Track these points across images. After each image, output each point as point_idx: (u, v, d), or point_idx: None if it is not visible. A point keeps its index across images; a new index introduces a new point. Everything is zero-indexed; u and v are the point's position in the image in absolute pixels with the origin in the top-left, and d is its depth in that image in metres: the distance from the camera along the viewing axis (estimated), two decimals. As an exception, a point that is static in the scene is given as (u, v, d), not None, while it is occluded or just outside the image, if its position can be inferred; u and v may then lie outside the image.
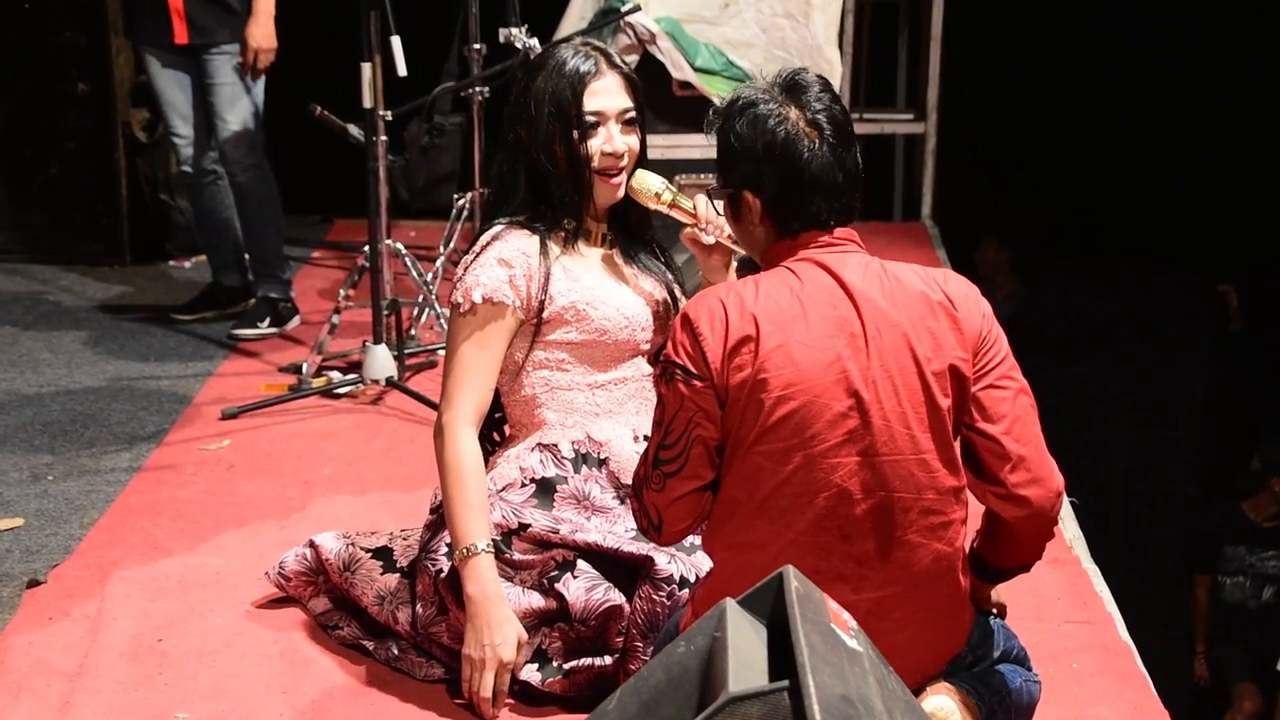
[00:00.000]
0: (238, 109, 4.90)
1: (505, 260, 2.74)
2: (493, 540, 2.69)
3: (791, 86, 2.36)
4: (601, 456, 2.78)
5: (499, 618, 2.63)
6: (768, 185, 2.35)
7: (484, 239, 2.78)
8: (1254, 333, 7.98)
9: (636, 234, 2.90)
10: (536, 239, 2.76)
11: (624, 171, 2.79)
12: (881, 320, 2.28)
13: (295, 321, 5.17)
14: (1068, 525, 3.61)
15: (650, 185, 2.78)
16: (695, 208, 2.75)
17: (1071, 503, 3.75)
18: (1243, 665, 6.26)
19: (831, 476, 2.27)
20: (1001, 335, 2.37)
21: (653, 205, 2.79)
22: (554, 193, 2.76)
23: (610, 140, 2.75)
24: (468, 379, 2.74)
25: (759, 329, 2.27)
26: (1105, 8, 7.75)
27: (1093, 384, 8.16)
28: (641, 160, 2.82)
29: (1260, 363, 7.89)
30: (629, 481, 2.74)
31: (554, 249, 2.77)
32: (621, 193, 2.80)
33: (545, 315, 2.75)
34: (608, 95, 2.74)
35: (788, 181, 2.33)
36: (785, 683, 1.67)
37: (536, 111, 2.74)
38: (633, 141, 2.78)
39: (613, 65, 2.77)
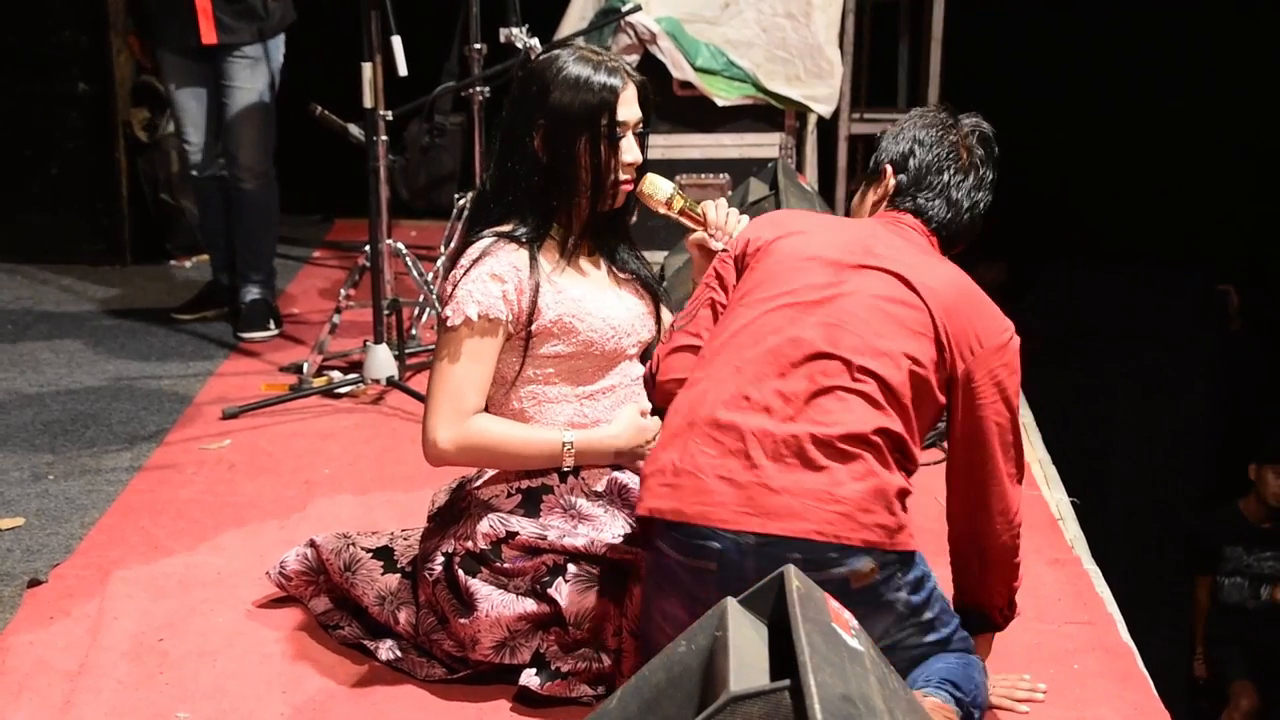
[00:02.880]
0: (253, 114, 4.91)
1: (498, 275, 2.71)
2: (491, 545, 2.70)
3: (965, 117, 2.69)
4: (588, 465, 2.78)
5: (616, 432, 2.76)
6: (909, 166, 2.62)
7: (473, 253, 2.75)
8: (1254, 333, 7.98)
9: (623, 237, 2.89)
10: (525, 252, 2.74)
11: (632, 181, 2.80)
12: (900, 258, 2.50)
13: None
14: (1068, 525, 3.61)
15: (663, 190, 2.77)
16: (705, 215, 2.75)
17: (1072, 503, 3.76)
18: (1241, 664, 6.26)
19: (791, 323, 2.44)
20: (1010, 379, 2.50)
21: (663, 210, 2.79)
22: (564, 201, 2.75)
23: (631, 150, 2.75)
24: (462, 392, 2.72)
25: (790, 224, 2.60)
26: (1106, 8, 7.75)
27: (1093, 384, 8.16)
28: (641, 167, 2.82)
29: (1260, 363, 7.89)
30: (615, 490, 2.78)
31: (543, 261, 2.76)
32: (622, 199, 2.80)
33: (534, 329, 2.74)
34: (629, 106, 2.74)
35: (926, 169, 2.61)
36: (786, 682, 1.68)
37: (561, 116, 2.70)
38: (640, 154, 2.79)
39: (630, 76, 2.76)
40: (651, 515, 2.41)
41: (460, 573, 2.72)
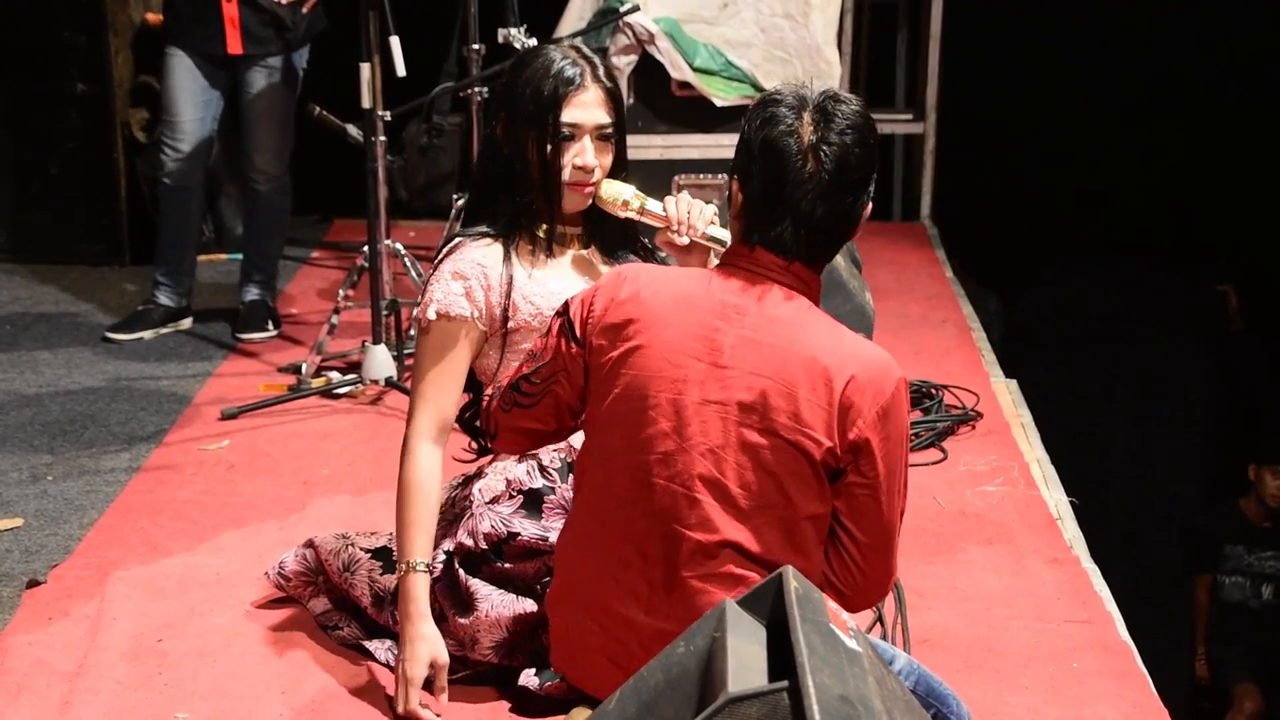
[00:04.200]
0: (270, 120, 4.92)
1: (459, 273, 2.74)
2: (462, 548, 2.72)
3: (821, 108, 2.30)
4: None
5: (414, 635, 2.66)
6: (751, 184, 2.32)
7: (441, 254, 2.80)
8: (1254, 333, 7.98)
9: (616, 231, 2.88)
10: (498, 247, 2.76)
11: (593, 184, 2.78)
12: (748, 362, 2.26)
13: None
14: (1067, 525, 3.61)
15: (618, 194, 2.77)
16: (665, 210, 2.74)
17: (1071, 503, 3.76)
18: (1243, 665, 6.25)
19: (642, 490, 2.29)
20: (894, 451, 2.28)
21: (622, 213, 2.79)
22: (520, 199, 2.76)
23: (582, 154, 2.74)
24: (428, 394, 2.75)
25: (635, 323, 2.31)
26: (1105, 7, 7.75)
27: (1093, 384, 8.16)
28: (623, 168, 2.81)
29: (1260, 363, 7.89)
30: None
31: (518, 257, 2.77)
32: (589, 202, 2.80)
33: (510, 324, 2.75)
34: (586, 109, 2.73)
35: (767, 189, 2.28)
36: (785, 683, 1.67)
37: (515, 110, 2.73)
38: (605, 159, 2.77)
39: (597, 79, 2.74)
40: (561, 677, 2.50)
41: (461, 572, 2.73)
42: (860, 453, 2.25)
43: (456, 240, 2.80)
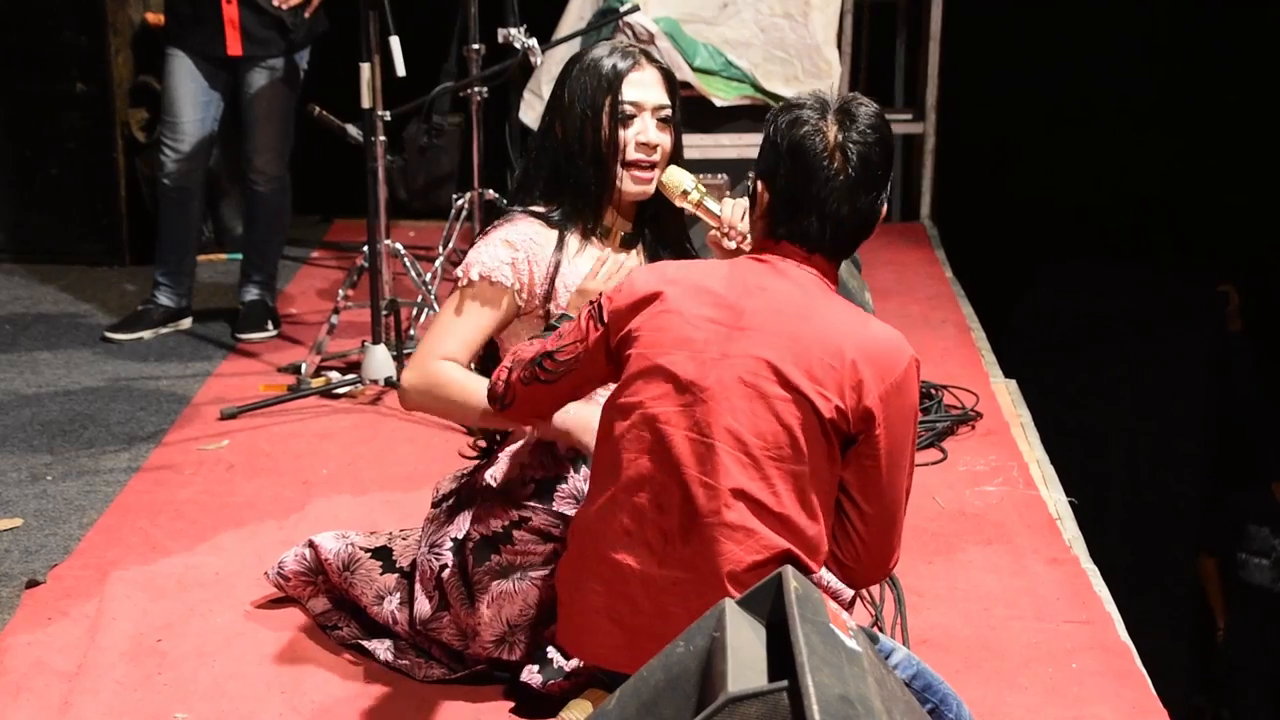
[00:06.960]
0: (270, 121, 4.92)
1: (511, 242, 2.73)
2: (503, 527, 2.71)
3: (844, 110, 2.39)
4: None
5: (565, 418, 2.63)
6: (778, 183, 2.40)
7: (498, 221, 2.79)
8: (1254, 333, 7.98)
9: (667, 236, 2.88)
10: (553, 231, 2.76)
11: (656, 167, 2.77)
12: (769, 325, 2.34)
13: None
14: (1067, 525, 3.61)
15: (680, 181, 2.78)
16: (721, 211, 2.75)
17: (1071, 503, 3.76)
18: (1257, 659, 6.22)
19: (658, 441, 2.34)
20: (901, 427, 2.36)
21: (679, 202, 2.79)
22: (577, 183, 2.75)
23: (645, 131, 2.74)
24: (441, 339, 2.73)
25: (660, 296, 2.39)
26: (1105, 7, 7.75)
27: (1093, 383, 8.16)
28: (676, 160, 2.81)
29: (1260, 363, 7.89)
30: None
31: (571, 245, 2.76)
32: (652, 189, 2.78)
33: (551, 307, 2.74)
34: (645, 88, 2.74)
35: (794, 188, 2.38)
36: (784, 683, 1.67)
37: (570, 102, 2.73)
38: (666, 139, 2.77)
39: (652, 60, 2.78)
40: (557, 644, 2.55)
41: (471, 560, 2.71)
42: (870, 423, 2.33)
43: (514, 212, 2.79)
